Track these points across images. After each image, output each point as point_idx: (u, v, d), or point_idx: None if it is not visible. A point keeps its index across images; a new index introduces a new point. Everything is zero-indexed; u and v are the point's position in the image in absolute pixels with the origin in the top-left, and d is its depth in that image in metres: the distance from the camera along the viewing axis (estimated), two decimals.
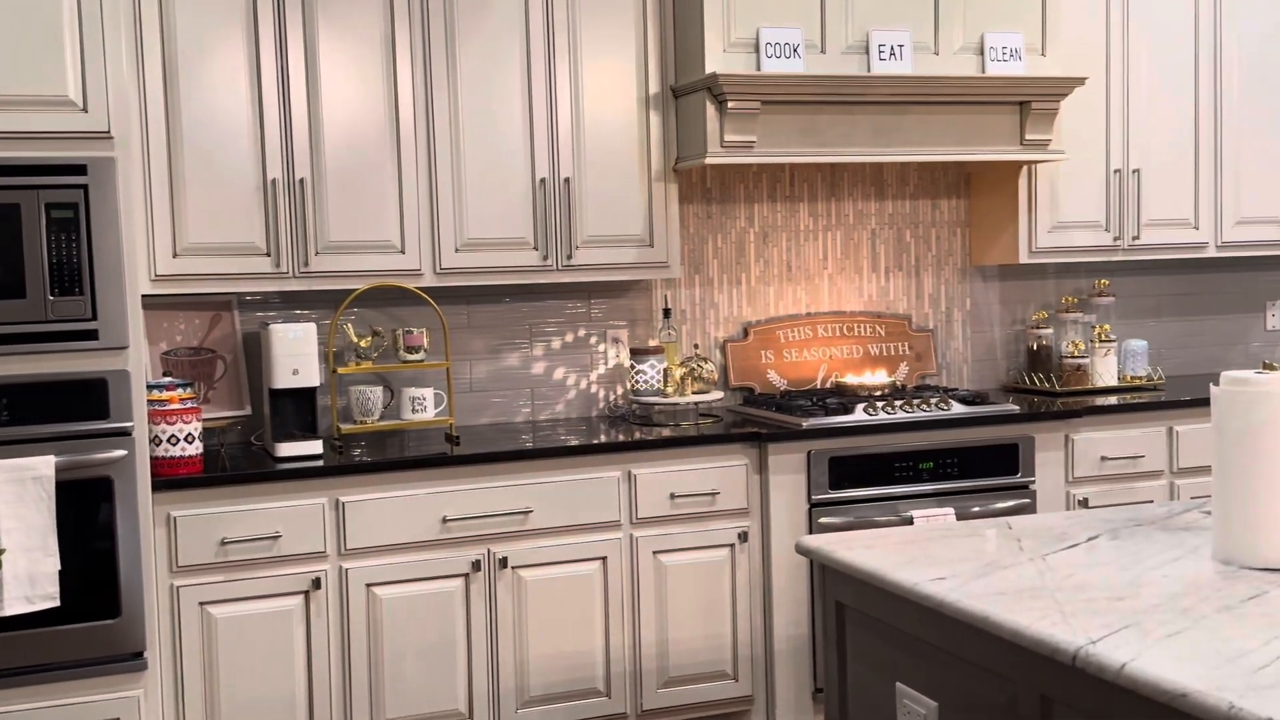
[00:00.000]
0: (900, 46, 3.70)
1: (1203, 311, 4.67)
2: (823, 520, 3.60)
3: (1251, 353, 4.71)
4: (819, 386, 4.16)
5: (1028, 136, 3.85)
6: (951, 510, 3.66)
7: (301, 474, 3.20)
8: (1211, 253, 4.30)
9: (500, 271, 3.63)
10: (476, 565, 3.35)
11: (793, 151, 3.69)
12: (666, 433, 3.62)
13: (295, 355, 3.42)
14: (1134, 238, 4.19)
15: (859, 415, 3.68)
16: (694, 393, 3.82)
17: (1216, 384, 1.97)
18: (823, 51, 3.68)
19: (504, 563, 3.36)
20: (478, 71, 3.56)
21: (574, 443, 3.49)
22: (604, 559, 3.46)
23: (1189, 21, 4.20)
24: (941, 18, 3.76)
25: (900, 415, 3.70)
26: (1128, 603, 1.76)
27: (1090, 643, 1.59)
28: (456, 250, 3.57)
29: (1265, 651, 1.53)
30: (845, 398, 3.84)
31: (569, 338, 4.03)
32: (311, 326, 3.46)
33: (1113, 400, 4.02)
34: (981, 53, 3.79)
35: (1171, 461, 3.97)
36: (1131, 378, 4.27)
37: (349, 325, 3.67)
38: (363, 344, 3.61)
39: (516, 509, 3.37)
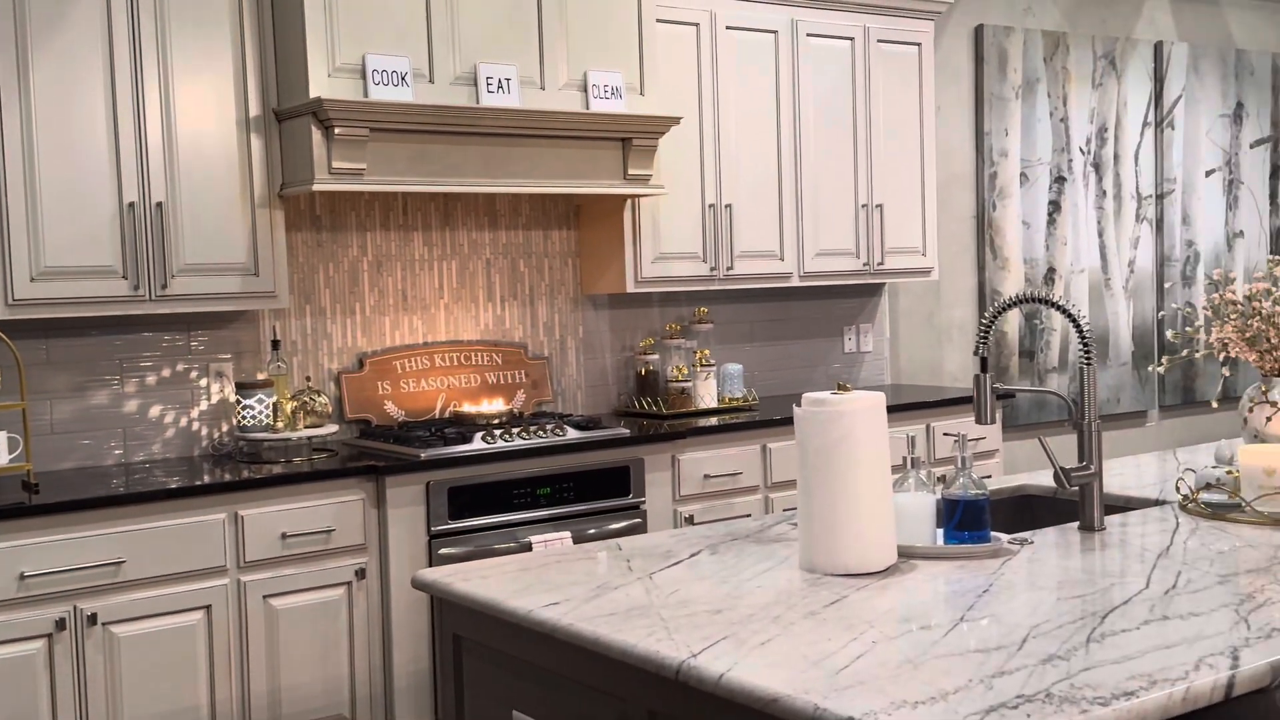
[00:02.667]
0: (508, 80, 3.76)
1: (790, 336, 5.06)
2: (443, 551, 3.57)
3: (833, 373, 5.16)
4: (438, 416, 4.14)
5: (630, 171, 4.03)
6: (569, 533, 3.74)
7: None
8: (795, 282, 4.67)
9: (83, 302, 3.34)
10: (61, 624, 3.05)
11: (404, 180, 3.65)
12: (277, 470, 3.46)
13: None
14: (728, 268, 4.48)
15: (477, 444, 3.69)
16: (306, 427, 3.68)
17: (799, 405, 2.13)
18: (431, 81, 3.67)
19: (93, 619, 3.08)
20: (54, 86, 3.27)
21: (173, 485, 3.26)
22: (208, 608, 3.25)
23: (770, 71, 4.55)
24: (546, 54, 3.87)
25: (518, 443, 3.74)
26: (725, 614, 1.86)
27: (692, 656, 1.67)
28: (32, 280, 3.26)
29: (845, 654, 1.66)
30: (464, 427, 3.84)
31: (166, 372, 3.77)
32: None
33: (714, 421, 4.26)
34: (585, 90, 3.93)
35: (766, 477, 4.26)
36: (730, 399, 4.55)
37: None
38: None
39: (107, 560, 3.10)
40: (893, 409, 4.40)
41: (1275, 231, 6.62)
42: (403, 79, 3.58)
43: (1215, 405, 6.13)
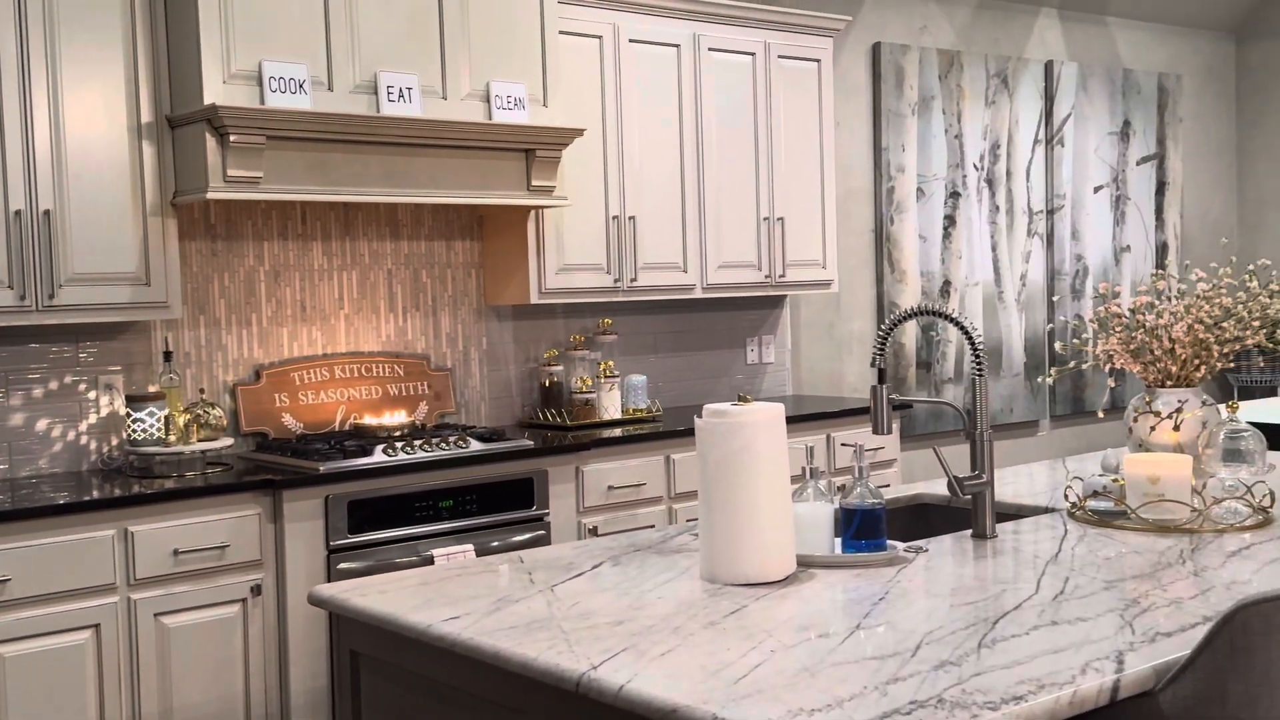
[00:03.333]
0: (409, 89, 3.73)
1: (694, 347, 5.09)
2: (342, 566, 3.51)
3: (736, 384, 5.20)
4: (337, 429, 4.07)
5: (534, 182, 4.02)
6: (471, 547, 3.71)
7: None
8: (699, 294, 4.71)
9: None
10: None
11: (302, 189, 3.60)
12: (169, 484, 3.37)
13: None
14: (632, 279, 4.50)
15: (378, 457, 3.64)
16: (200, 440, 3.59)
17: (700, 416, 2.15)
18: (330, 89, 3.62)
19: None
20: None
21: (60, 500, 3.16)
22: (97, 626, 3.16)
23: (673, 84, 4.58)
24: (448, 63, 3.84)
25: (420, 455, 3.70)
26: (626, 626, 1.86)
27: (592, 668, 1.66)
28: None
29: (744, 663, 1.67)
30: (364, 439, 3.79)
31: (54, 385, 3.65)
32: None
33: (618, 432, 4.27)
34: (488, 100, 3.91)
35: (670, 487, 4.28)
36: (634, 410, 4.56)
37: None
38: None
39: None
40: (793, 420, 4.45)
41: (1160, 246, 6.85)
42: (301, 86, 3.53)
43: (1102, 415, 6.31)
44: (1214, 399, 2.77)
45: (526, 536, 3.85)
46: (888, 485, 3.64)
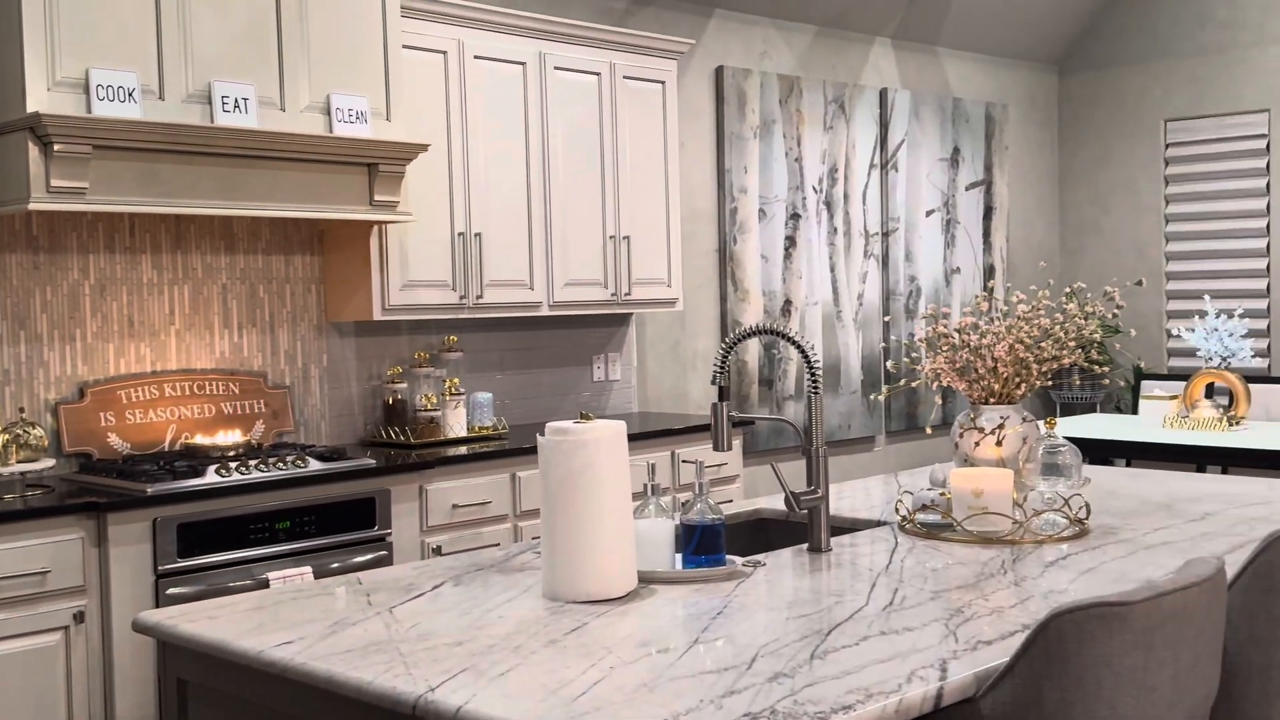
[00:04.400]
0: (245, 100, 3.64)
1: (540, 365, 5.09)
2: (172, 591, 3.39)
3: (582, 402, 5.22)
4: (167, 449, 3.93)
5: (376, 197, 3.97)
6: (309, 569, 3.62)
7: None
8: (545, 311, 4.71)
9: None
10: None
11: (131, 200, 3.47)
12: None
13: None
14: (478, 297, 4.47)
15: (210, 478, 3.53)
16: (19, 462, 3.42)
17: (542, 434, 2.15)
18: (162, 98, 3.51)
19: None
20: None
21: None
22: None
23: (519, 102, 4.59)
24: (287, 75, 3.76)
25: (255, 475, 3.60)
26: (466, 646, 1.85)
27: (429, 690, 1.65)
28: None
29: (583, 680, 1.68)
30: (196, 460, 3.66)
31: None
32: None
33: (463, 450, 4.23)
34: (328, 112, 3.85)
35: (515, 506, 4.26)
36: (479, 428, 4.53)
37: None
38: None
39: None
40: (638, 437, 4.49)
41: (988, 268, 7.15)
42: (130, 95, 3.41)
43: (930, 431, 6.57)
44: (1038, 415, 2.90)
45: (368, 557, 3.78)
46: (730, 501, 3.70)
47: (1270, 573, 2.05)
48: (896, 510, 2.73)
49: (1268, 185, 6.86)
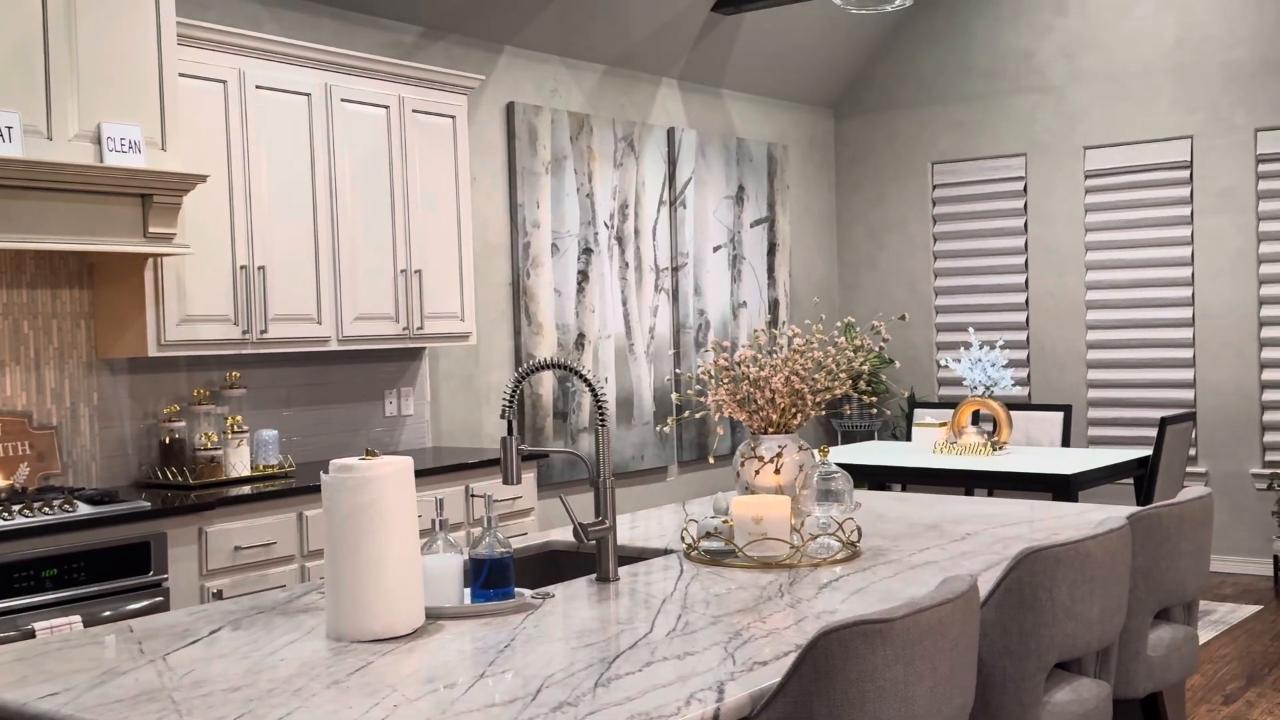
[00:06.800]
0: (9, 128, 3.46)
1: (330, 401, 4.99)
2: None
3: (374, 436, 5.14)
4: None
5: (151, 229, 3.82)
6: (79, 618, 3.44)
7: None
8: (334, 346, 4.63)
9: None
10: None
11: None
12: None
13: None
14: (262, 331, 4.36)
15: None
16: None
17: (327, 472, 2.12)
18: None
19: None
20: None
21: None
22: None
23: (304, 133, 4.51)
24: (54, 102, 3.60)
25: (19, 521, 3.40)
26: (244, 692, 1.81)
27: None
28: None
29: None
30: None
31: None
32: None
33: (246, 490, 4.10)
34: (99, 142, 3.70)
35: (302, 545, 4.15)
36: (265, 467, 4.40)
37: None
38: None
39: None
40: (430, 472, 4.46)
41: (773, 302, 7.42)
42: None
43: (713, 460, 6.76)
44: (819, 444, 3.04)
45: (143, 604, 3.61)
46: (525, 534, 3.72)
47: (1021, 589, 2.21)
48: (682, 539, 2.81)
49: (1025, 224, 7.37)
